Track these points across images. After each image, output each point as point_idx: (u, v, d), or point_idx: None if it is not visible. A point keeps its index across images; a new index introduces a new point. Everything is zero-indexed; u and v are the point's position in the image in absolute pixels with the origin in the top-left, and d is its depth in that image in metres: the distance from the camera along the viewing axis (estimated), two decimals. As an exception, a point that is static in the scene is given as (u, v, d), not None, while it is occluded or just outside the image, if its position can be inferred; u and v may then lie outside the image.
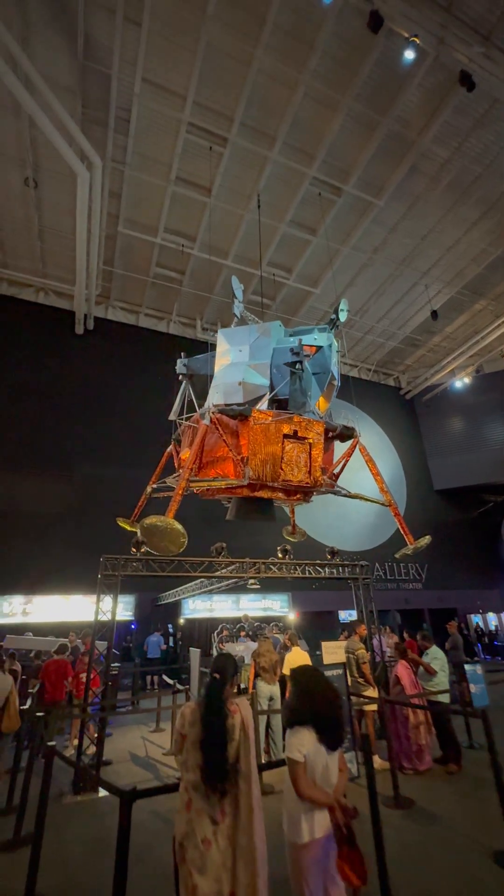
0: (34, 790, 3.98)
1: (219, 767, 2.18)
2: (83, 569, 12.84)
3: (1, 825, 4.12)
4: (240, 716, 2.33)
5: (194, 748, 2.25)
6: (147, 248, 15.18)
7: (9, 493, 13.67)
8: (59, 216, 13.95)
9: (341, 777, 2.34)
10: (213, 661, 2.61)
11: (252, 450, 8.65)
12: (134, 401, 16.17)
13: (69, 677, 6.78)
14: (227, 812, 2.17)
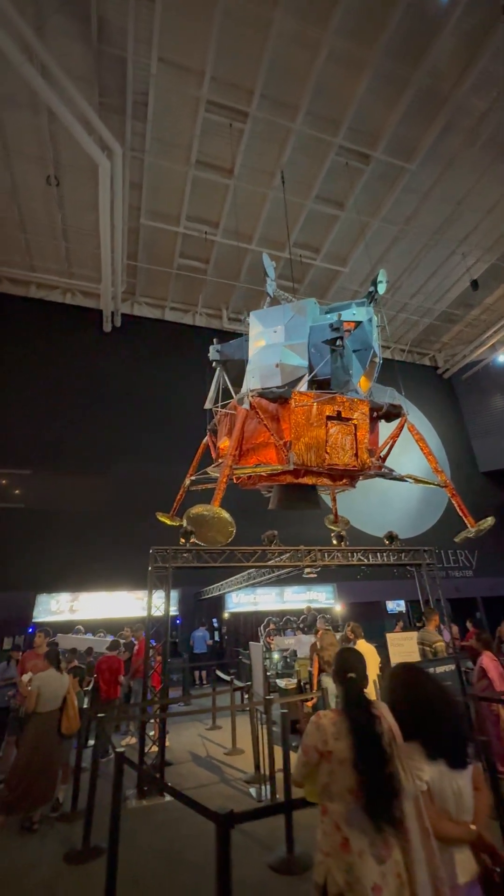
0: (98, 793, 3.75)
1: (384, 790, 1.69)
2: (126, 565, 12.82)
3: (67, 832, 3.91)
4: (385, 721, 1.88)
5: (344, 768, 1.77)
6: (170, 238, 14.91)
7: (49, 493, 13.80)
8: (81, 213, 13.86)
9: (480, 798, 1.90)
10: (339, 660, 2.14)
11: (295, 434, 8.21)
12: (166, 395, 16.02)
13: (122, 674, 6.64)
14: (391, 844, 1.67)
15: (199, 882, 3.03)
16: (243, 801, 4.33)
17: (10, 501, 13.53)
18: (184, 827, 3.69)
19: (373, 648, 5.50)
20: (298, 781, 1.93)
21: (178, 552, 5.61)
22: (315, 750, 1.86)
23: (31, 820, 3.95)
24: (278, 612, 13.40)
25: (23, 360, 15.06)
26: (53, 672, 4.30)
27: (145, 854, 3.36)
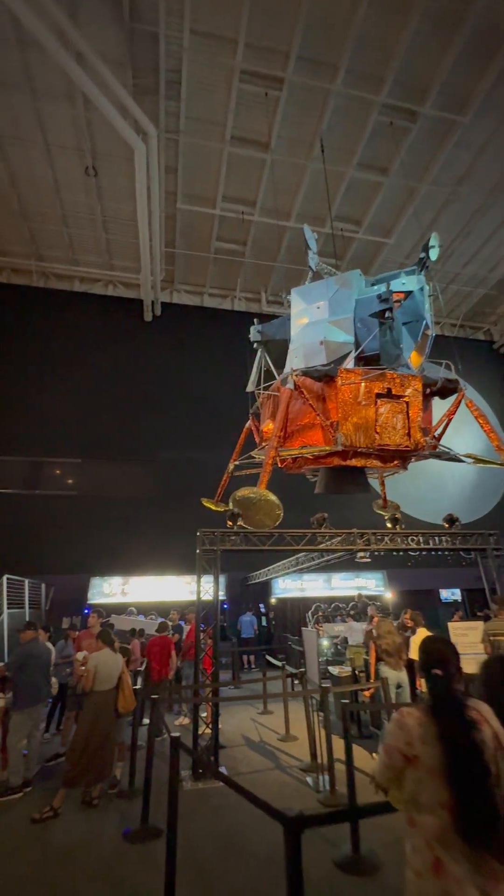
0: (154, 772, 3.72)
1: (485, 811, 1.39)
2: (173, 550, 13.04)
3: (125, 809, 3.94)
4: (489, 726, 1.57)
5: (433, 779, 1.48)
6: (207, 222, 14.67)
7: (98, 481, 14.26)
8: (119, 202, 13.93)
9: None
10: (424, 651, 1.84)
11: (342, 413, 7.82)
12: (207, 382, 15.99)
13: (171, 652, 6.70)
14: (499, 877, 1.35)
15: (261, 873, 2.91)
16: (300, 790, 4.19)
17: (64, 489, 14.11)
18: (241, 813, 3.59)
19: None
20: (381, 785, 1.68)
21: (226, 535, 5.49)
22: (399, 752, 1.59)
23: (91, 795, 4.02)
24: (326, 599, 13.14)
25: (70, 353, 15.53)
26: (108, 652, 4.32)
27: (204, 839, 3.28)
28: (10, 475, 13.89)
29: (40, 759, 5.13)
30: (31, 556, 12.03)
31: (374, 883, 2.72)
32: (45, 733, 6.23)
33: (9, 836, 3.53)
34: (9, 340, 15.26)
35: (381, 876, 2.75)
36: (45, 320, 15.85)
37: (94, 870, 3.01)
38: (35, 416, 14.40)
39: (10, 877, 2.97)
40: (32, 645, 4.87)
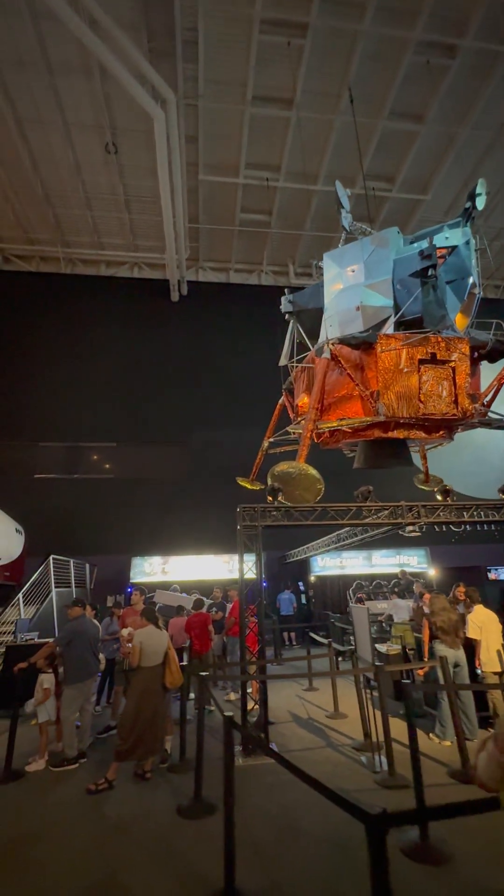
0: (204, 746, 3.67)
1: None
2: (211, 530, 13.10)
3: (177, 783, 3.93)
4: None
5: None
6: (230, 192, 14.14)
7: (136, 463, 14.44)
8: (140, 179, 13.62)
9: None
10: None
11: (383, 382, 7.37)
12: (238, 360, 15.71)
13: (209, 628, 6.69)
14: None
15: (321, 857, 2.78)
16: (355, 769, 4.04)
17: (101, 473, 14.39)
18: (296, 792, 3.48)
19: (494, 616, 4.79)
20: (489, 785, 1.42)
21: (267, 511, 5.30)
22: None
23: (144, 768, 4.04)
24: (367, 577, 12.88)
25: (101, 339, 15.61)
26: (153, 628, 4.28)
27: (259, 818, 3.20)
28: (51, 461, 14.28)
29: (93, 732, 5.25)
30: (74, 538, 12.39)
31: (448, 874, 2.53)
32: (97, 706, 6.40)
33: (67, 806, 3.59)
34: (42, 329, 15.49)
35: (455, 867, 2.56)
36: (75, 307, 15.96)
37: (150, 844, 2.98)
38: (71, 403, 14.65)
39: (70, 847, 2.99)
40: (80, 621, 4.92)
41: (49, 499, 13.36)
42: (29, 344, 15.22)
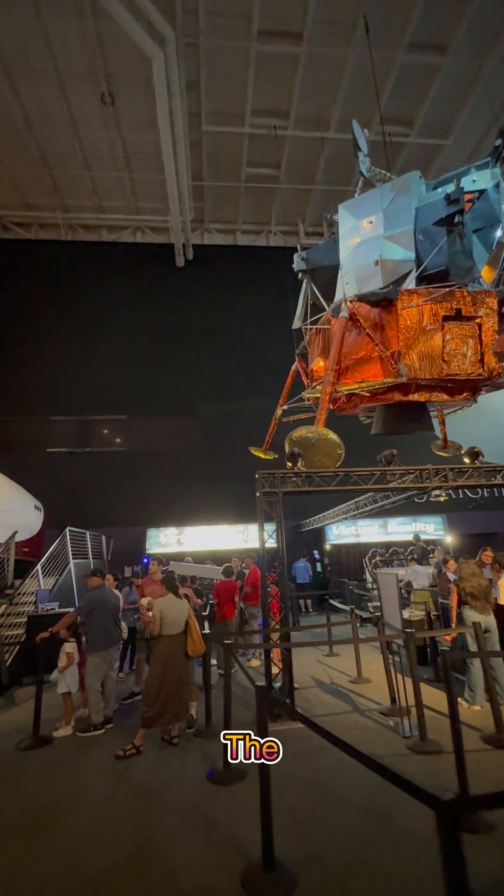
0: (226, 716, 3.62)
1: None
2: (224, 500, 13.04)
3: (205, 749, 3.91)
4: None
5: None
6: (235, 144, 13.25)
7: (146, 435, 14.30)
8: (140, 132, 12.81)
9: None
10: None
11: (404, 341, 6.96)
12: (247, 326, 15.20)
13: (235, 596, 6.71)
14: None
15: (359, 823, 2.72)
16: (384, 734, 3.99)
17: (113, 446, 14.30)
18: (327, 757, 3.42)
19: (526, 580, 4.60)
20: None
21: (287, 477, 5.09)
22: None
23: (170, 734, 4.04)
24: (382, 545, 12.80)
25: (106, 308, 15.15)
26: (173, 597, 4.19)
27: (292, 784, 3.14)
28: (63, 435, 14.20)
29: (117, 698, 5.30)
30: (89, 511, 12.42)
31: (495, 843, 2.43)
32: (120, 673, 6.48)
33: (97, 771, 3.59)
34: (46, 300, 15.08)
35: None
36: (78, 276, 15.45)
37: (182, 810, 2.95)
38: (79, 376, 14.40)
39: (103, 813, 2.97)
40: (100, 591, 4.87)
41: (62, 472, 13.35)
42: (34, 316, 14.86)
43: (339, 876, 2.29)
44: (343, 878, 2.28)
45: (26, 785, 3.41)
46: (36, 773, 3.60)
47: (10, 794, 3.29)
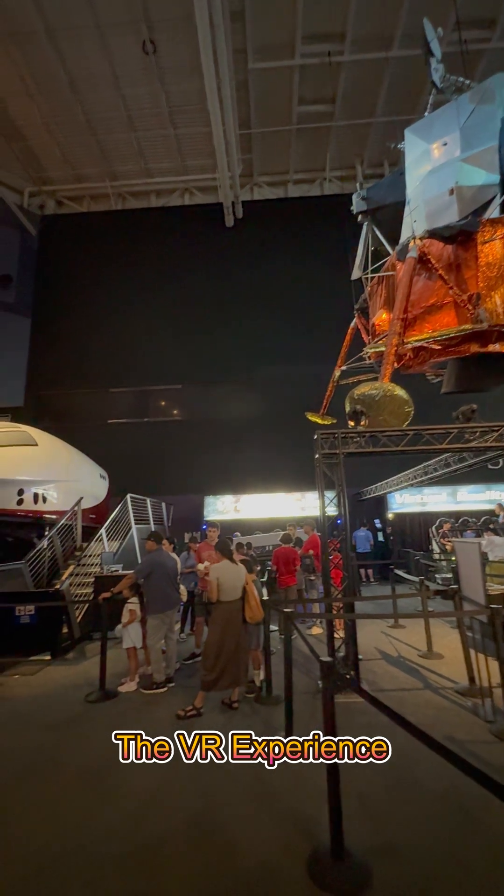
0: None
1: None
2: (280, 467, 12.79)
3: (267, 716, 3.79)
4: None
5: None
6: (285, 80, 12.13)
7: (202, 404, 14.27)
8: (183, 81, 12.13)
9: None
10: None
11: (485, 282, 6.07)
12: (301, 285, 14.38)
13: (297, 565, 6.52)
14: None
15: (438, 815, 2.42)
16: (463, 716, 3.62)
17: (169, 415, 14.47)
18: (399, 736, 3.11)
19: None
20: None
21: (349, 437, 4.64)
22: None
23: (231, 698, 3.97)
24: (451, 514, 11.93)
25: (156, 278, 15.02)
26: (228, 563, 4.03)
27: (360, 764, 2.88)
28: (123, 406, 14.58)
29: (179, 658, 5.38)
30: (149, 480, 12.77)
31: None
32: (180, 634, 6.62)
33: (160, 729, 3.60)
34: (98, 273, 15.23)
35: None
36: (129, 245, 15.38)
37: (244, 780, 2.84)
38: (135, 347, 14.56)
39: (164, 774, 2.93)
40: (157, 554, 4.88)
41: (123, 443, 13.78)
42: (90, 291, 15.11)
43: (420, 874, 2.03)
44: (425, 877, 2.01)
45: (93, 739, 3.49)
46: (101, 727, 3.69)
47: (78, 746, 3.39)
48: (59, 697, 4.45)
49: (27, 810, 2.61)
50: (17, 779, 2.96)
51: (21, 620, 6.06)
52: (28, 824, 2.49)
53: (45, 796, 2.74)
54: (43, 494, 7.88)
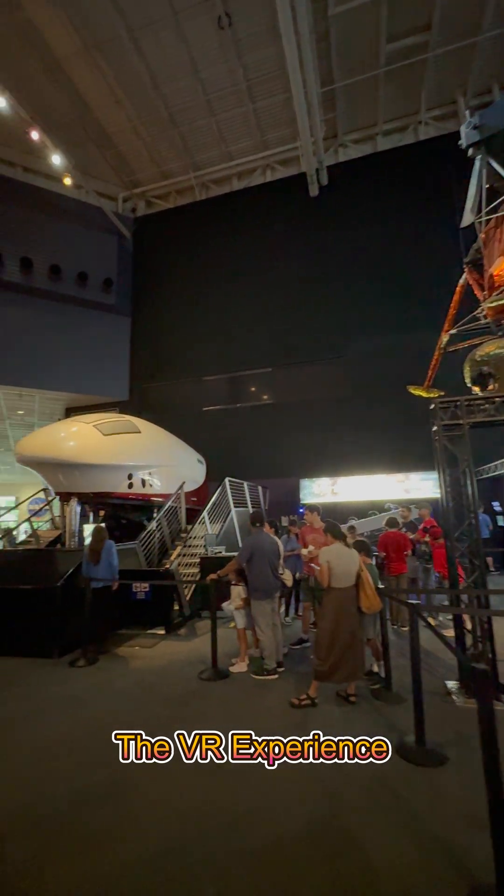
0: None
1: None
2: (379, 447, 11.99)
3: (390, 715, 3.45)
4: None
5: None
6: (371, 18, 10.95)
7: (293, 385, 13.98)
8: (260, 49, 11.69)
9: None
10: None
11: None
12: (396, 247, 13.14)
13: (408, 550, 5.99)
14: None
15: None
16: None
17: (260, 400, 14.43)
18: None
19: None
20: None
21: (475, 404, 3.98)
22: None
23: (347, 692, 3.71)
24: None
25: (242, 261, 14.92)
26: (341, 547, 3.73)
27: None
28: (216, 393, 14.91)
29: (286, 642, 5.27)
30: (245, 463, 12.92)
31: None
32: (286, 618, 6.54)
33: (275, 716, 3.50)
34: (186, 265, 15.61)
35: None
36: (213, 233, 15.48)
37: (370, 786, 2.56)
38: (225, 333, 14.72)
39: (282, 766, 2.78)
40: (256, 537, 4.79)
41: (218, 429, 14.12)
42: (180, 284, 15.59)
43: None
44: None
45: (209, 716, 3.51)
46: (217, 706, 3.71)
47: (196, 723, 3.42)
48: (175, 672, 4.62)
49: (150, 786, 2.64)
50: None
51: (137, 596, 6.49)
52: (152, 797, 2.52)
53: (167, 772, 2.76)
54: (148, 478, 8.35)
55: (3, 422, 17.04)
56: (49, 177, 14.59)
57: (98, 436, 7.12)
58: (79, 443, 6.85)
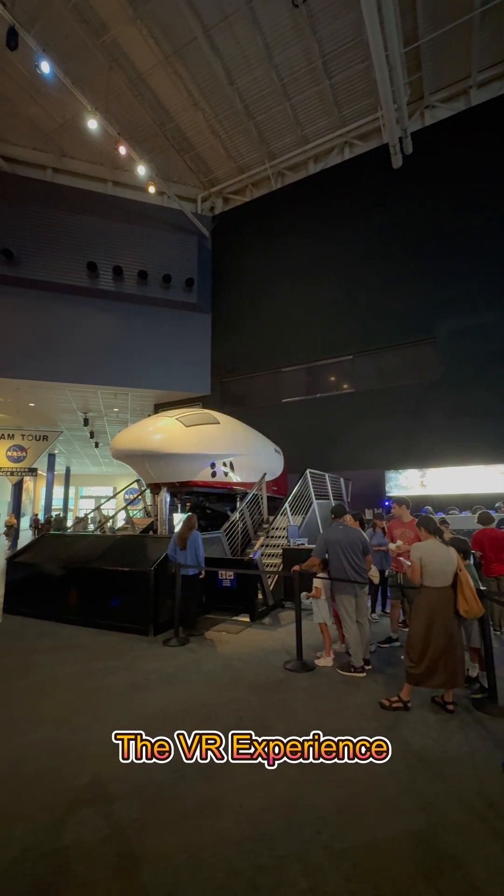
0: None
1: None
2: (475, 436, 10.93)
3: (492, 728, 3.12)
4: None
5: None
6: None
7: (375, 372, 13.35)
8: (337, 19, 11.16)
9: None
10: None
11: None
12: (491, 213, 11.76)
13: None
14: None
15: None
16: None
17: (340, 389, 13.98)
18: None
19: None
20: None
21: None
22: None
23: (444, 699, 3.44)
24: None
25: (320, 246, 14.49)
26: (436, 543, 3.44)
27: None
28: (294, 384, 14.80)
29: (374, 640, 5.07)
30: (326, 455, 12.67)
31: None
32: (373, 614, 6.29)
33: (365, 717, 3.36)
34: (263, 256, 15.58)
35: None
36: (290, 221, 15.23)
37: (477, 807, 2.33)
38: (304, 324, 14.49)
39: (374, 770, 2.67)
40: (331, 531, 4.66)
41: (298, 420, 14.00)
42: (258, 276, 15.63)
43: None
44: None
45: (296, 708, 3.50)
46: (304, 699, 3.68)
47: (284, 713, 3.42)
48: (261, 660, 4.69)
49: (239, 773, 2.69)
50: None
51: (223, 583, 6.72)
52: (241, 783, 2.58)
53: (254, 757, 2.80)
54: (230, 467, 8.57)
55: (102, 419, 18.74)
56: (134, 187, 15.51)
57: (180, 427, 7.47)
58: (163, 435, 7.25)
